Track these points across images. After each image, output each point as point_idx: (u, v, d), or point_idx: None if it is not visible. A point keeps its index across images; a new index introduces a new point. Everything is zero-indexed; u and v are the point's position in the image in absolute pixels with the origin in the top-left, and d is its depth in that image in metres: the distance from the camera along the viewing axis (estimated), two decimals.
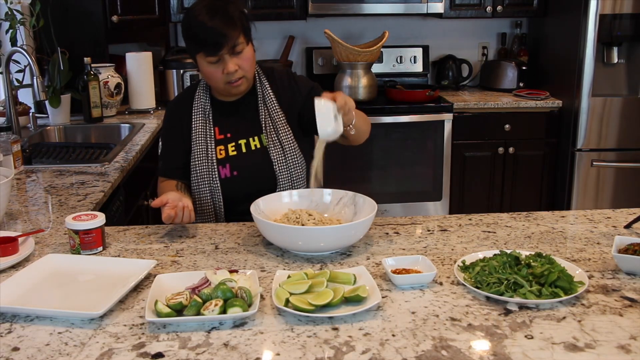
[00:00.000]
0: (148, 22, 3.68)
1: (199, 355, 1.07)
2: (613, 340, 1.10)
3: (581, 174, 3.63)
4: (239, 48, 1.80)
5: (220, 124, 1.94)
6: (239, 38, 1.80)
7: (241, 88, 1.88)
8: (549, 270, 1.27)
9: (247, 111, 1.94)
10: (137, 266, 1.39)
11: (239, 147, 1.91)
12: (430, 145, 3.71)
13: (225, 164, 1.90)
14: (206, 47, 1.78)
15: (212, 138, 1.92)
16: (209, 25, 1.76)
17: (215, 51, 1.78)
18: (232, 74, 1.81)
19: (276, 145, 1.90)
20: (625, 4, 3.44)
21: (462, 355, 1.06)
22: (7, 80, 2.78)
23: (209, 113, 1.94)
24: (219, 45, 1.77)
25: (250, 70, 1.87)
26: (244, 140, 1.92)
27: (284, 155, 1.90)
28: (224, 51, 1.78)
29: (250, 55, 1.85)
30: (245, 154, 1.91)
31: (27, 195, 2.03)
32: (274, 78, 1.99)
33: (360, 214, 1.63)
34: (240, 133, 1.93)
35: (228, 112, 1.95)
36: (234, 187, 1.88)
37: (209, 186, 1.89)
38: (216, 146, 1.91)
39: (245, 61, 1.83)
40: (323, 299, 1.20)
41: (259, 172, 1.90)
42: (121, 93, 3.42)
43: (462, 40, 4.23)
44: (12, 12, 2.89)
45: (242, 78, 1.85)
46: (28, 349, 1.10)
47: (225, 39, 1.76)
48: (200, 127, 1.92)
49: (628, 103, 3.57)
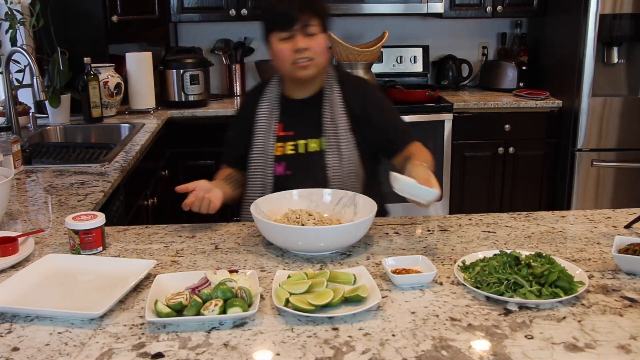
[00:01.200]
0: (148, 22, 3.68)
1: (199, 355, 1.07)
2: (613, 340, 1.10)
3: (581, 174, 3.63)
4: (311, 29, 1.80)
5: (284, 121, 1.93)
6: (314, 20, 1.80)
7: (308, 71, 1.84)
8: (549, 270, 1.27)
9: (312, 112, 1.92)
10: (137, 266, 1.39)
11: (297, 147, 1.90)
12: (430, 145, 3.66)
13: (282, 161, 1.90)
14: (280, 22, 1.79)
15: (274, 133, 1.91)
16: (285, 3, 1.78)
17: (287, 26, 1.78)
18: (301, 52, 1.79)
19: (334, 150, 1.88)
20: (625, 4, 3.44)
21: (462, 355, 1.06)
22: (7, 80, 2.78)
23: (276, 108, 1.93)
24: (292, 20, 1.77)
25: (321, 56, 1.84)
26: (303, 141, 1.90)
27: (340, 162, 1.87)
28: (297, 27, 1.78)
29: (322, 42, 1.83)
30: (302, 155, 1.90)
31: (27, 195, 2.03)
32: (345, 83, 1.95)
33: (360, 214, 1.63)
34: (302, 133, 1.91)
35: (294, 110, 1.93)
36: (285, 185, 1.84)
37: (262, 181, 1.90)
38: (276, 142, 1.91)
39: (317, 44, 1.81)
40: (323, 299, 1.20)
41: (312, 175, 1.87)
42: (121, 93, 3.42)
43: (462, 40, 4.23)
44: (12, 12, 2.89)
45: (310, 60, 1.81)
46: (28, 349, 1.10)
47: (299, 16, 1.77)
48: (264, 121, 1.92)
49: (628, 103, 3.57)
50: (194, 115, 3.59)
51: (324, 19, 1.84)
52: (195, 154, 3.63)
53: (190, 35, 4.13)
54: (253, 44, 4.13)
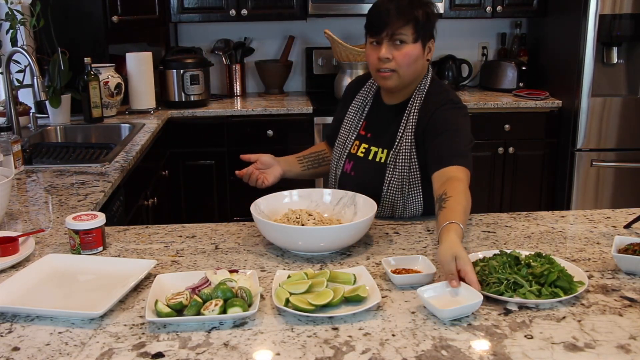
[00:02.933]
0: (148, 22, 3.68)
1: (199, 355, 1.07)
2: (613, 340, 1.10)
3: (581, 174, 3.63)
4: (400, 38, 1.72)
5: (369, 121, 1.91)
6: (405, 29, 1.72)
7: (389, 82, 1.78)
8: (549, 270, 1.27)
9: (392, 121, 1.84)
10: (137, 266, 1.39)
11: (367, 152, 1.86)
12: None
13: (351, 160, 1.89)
14: (372, 26, 1.76)
15: (357, 130, 1.91)
16: (384, 6, 1.74)
17: (376, 31, 1.75)
18: (383, 62, 1.74)
19: (396, 166, 1.78)
20: (625, 4, 3.44)
21: (462, 355, 1.06)
22: (7, 80, 2.78)
23: (367, 106, 1.92)
24: (381, 27, 1.73)
25: (406, 68, 1.75)
26: (376, 148, 1.85)
27: (401, 180, 1.77)
28: (384, 34, 1.73)
29: (411, 53, 1.73)
30: (369, 161, 1.85)
31: (27, 195, 2.03)
32: (428, 97, 1.81)
33: (360, 214, 1.63)
34: (377, 139, 1.86)
35: (381, 114, 1.89)
36: (347, 184, 1.84)
37: (335, 172, 1.93)
38: (355, 140, 1.91)
39: (402, 55, 1.73)
40: (323, 299, 1.20)
41: (369, 184, 1.81)
42: (121, 93, 3.42)
43: (462, 40, 4.23)
44: (13, 12, 2.90)
45: (392, 72, 1.75)
46: (28, 349, 1.10)
47: (388, 23, 1.72)
48: (352, 115, 1.93)
49: (628, 103, 3.57)
50: (194, 115, 3.59)
51: (420, 29, 1.74)
52: (195, 154, 3.63)
53: (190, 35, 4.13)
54: (253, 44, 4.14)
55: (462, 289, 1.24)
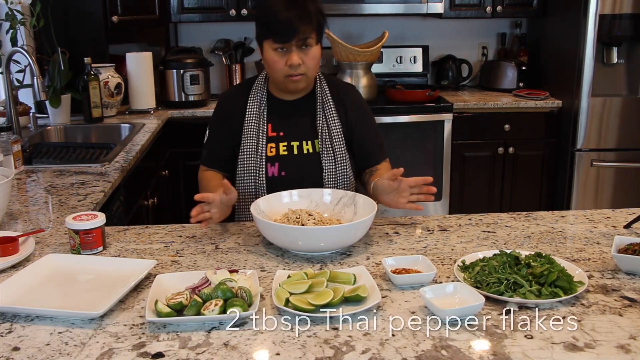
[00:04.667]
0: (148, 22, 3.68)
1: (199, 355, 1.07)
2: (613, 340, 1.10)
3: (581, 174, 3.63)
4: (307, 42, 1.79)
5: (274, 121, 1.93)
6: (311, 34, 1.79)
7: (299, 85, 1.86)
8: (549, 270, 1.27)
9: (304, 113, 1.93)
10: (137, 266, 1.40)
11: (290, 148, 1.90)
12: (430, 145, 3.71)
13: (275, 162, 1.90)
14: (277, 35, 1.78)
15: (264, 134, 1.91)
16: (284, 14, 1.75)
17: (285, 40, 1.77)
18: (295, 67, 1.80)
19: (329, 153, 1.90)
20: (625, 4, 3.44)
21: (462, 355, 1.06)
22: (7, 80, 2.78)
23: (264, 109, 1.93)
24: (290, 36, 1.76)
25: (313, 69, 1.86)
26: (297, 142, 1.91)
27: (335, 165, 1.90)
28: (293, 42, 1.77)
29: (316, 55, 1.84)
30: (296, 156, 1.90)
31: (27, 195, 2.03)
32: (335, 86, 1.98)
33: (360, 214, 1.63)
34: (295, 134, 1.92)
35: (284, 111, 1.93)
36: (279, 187, 1.82)
37: (255, 182, 1.89)
38: (267, 143, 1.90)
39: (311, 59, 1.82)
40: (323, 299, 1.20)
41: (307, 177, 1.88)
42: (121, 93, 3.42)
43: (461, 41, 4.23)
44: (13, 12, 2.89)
45: (302, 75, 1.83)
46: (28, 349, 1.10)
47: (297, 31, 1.75)
48: (253, 121, 1.91)
49: (628, 103, 3.57)
50: (194, 115, 3.59)
51: (319, 30, 1.84)
52: (195, 154, 3.58)
53: (190, 35, 4.13)
54: (253, 44, 4.13)
55: (463, 289, 1.24)
